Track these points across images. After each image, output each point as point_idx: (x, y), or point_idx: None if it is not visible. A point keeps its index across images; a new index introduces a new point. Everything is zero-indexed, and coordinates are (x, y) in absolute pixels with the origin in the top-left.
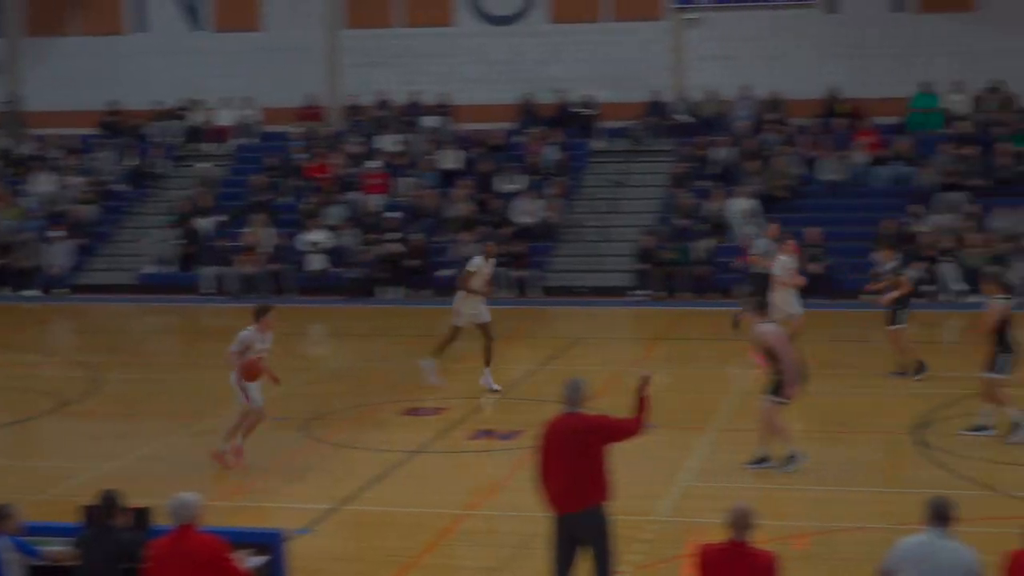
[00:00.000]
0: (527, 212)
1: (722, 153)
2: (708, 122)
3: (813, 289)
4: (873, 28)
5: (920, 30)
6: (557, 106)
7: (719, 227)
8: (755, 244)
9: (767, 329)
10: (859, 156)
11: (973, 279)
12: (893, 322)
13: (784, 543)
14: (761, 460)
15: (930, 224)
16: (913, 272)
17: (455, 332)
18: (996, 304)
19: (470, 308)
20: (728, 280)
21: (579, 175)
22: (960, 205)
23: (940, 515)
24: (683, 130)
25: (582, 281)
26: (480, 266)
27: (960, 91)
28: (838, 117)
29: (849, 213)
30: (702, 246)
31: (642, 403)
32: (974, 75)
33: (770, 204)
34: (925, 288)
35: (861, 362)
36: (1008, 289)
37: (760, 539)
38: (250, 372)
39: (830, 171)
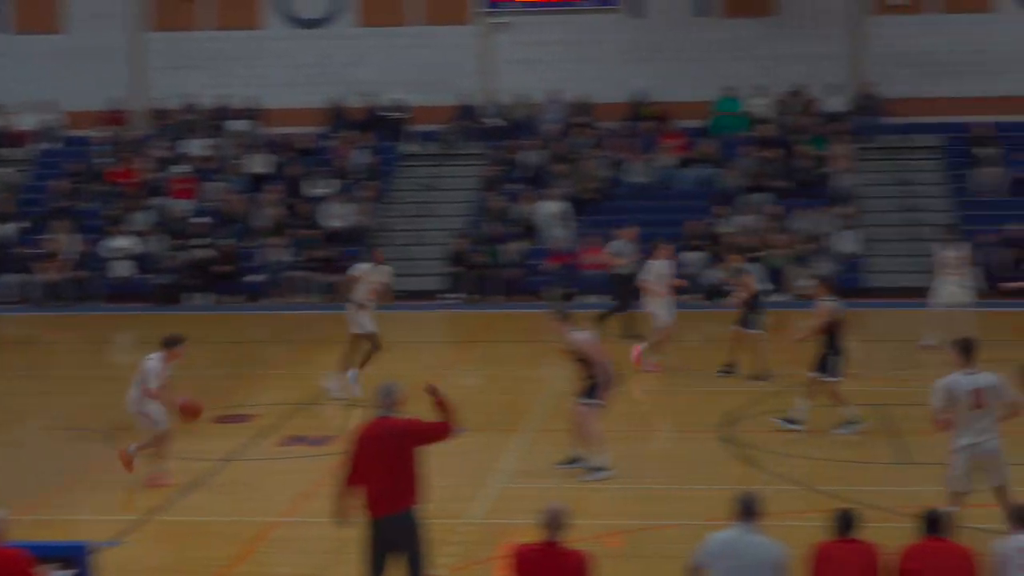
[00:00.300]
0: (337, 216)
1: (531, 156)
2: (517, 125)
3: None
4: (678, 32)
5: (723, 34)
6: (366, 110)
7: (529, 230)
8: (609, 245)
9: (579, 336)
10: (665, 158)
11: (776, 279)
12: (745, 325)
13: (597, 542)
14: (573, 461)
15: (734, 225)
16: (756, 272)
17: (362, 341)
18: (826, 306)
19: (357, 316)
20: (539, 282)
21: (389, 179)
22: (763, 206)
23: (747, 510)
24: (493, 133)
25: (394, 285)
26: (365, 272)
27: (762, 95)
28: (645, 120)
29: (656, 215)
30: (513, 249)
31: (443, 408)
32: (776, 79)
33: (579, 206)
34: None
35: (672, 361)
36: (837, 291)
37: (574, 538)
38: (191, 412)
39: (637, 173)
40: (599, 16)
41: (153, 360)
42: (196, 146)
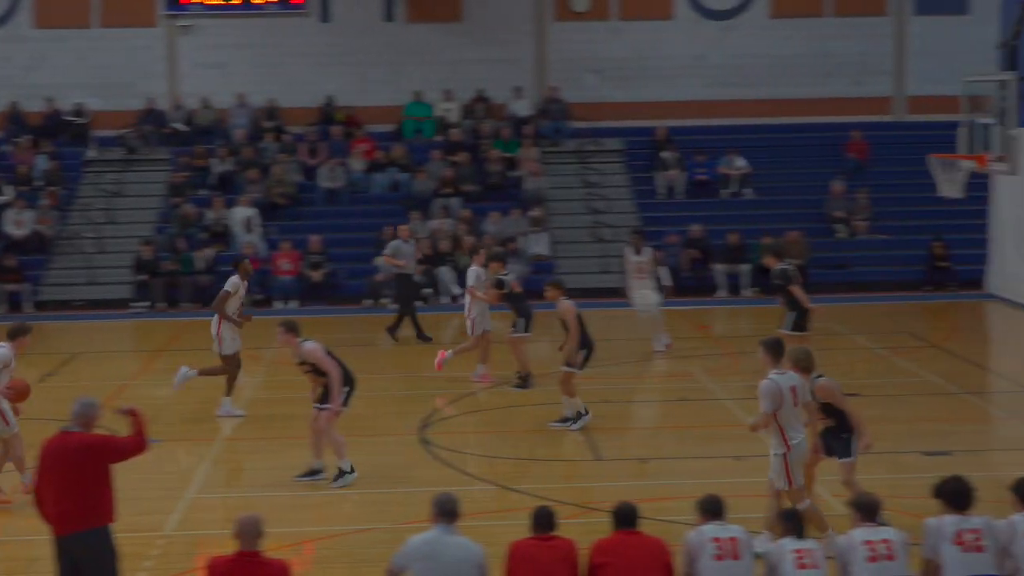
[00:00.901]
0: (17, 224)
1: (221, 162)
2: (206, 130)
3: (316, 295)
4: (366, 37)
5: (411, 40)
6: (46, 114)
7: (220, 236)
8: (388, 245)
9: (307, 345)
10: (357, 163)
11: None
12: (514, 329)
13: (296, 549)
14: (313, 472)
15: (427, 229)
16: (511, 278)
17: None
18: (566, 304)
19: (228, 333)
20: None
21: (73, 185)
22: (455, 210)
23: (446, 512)
24: (180, 139)
25: (78, 294)
26: (237, 287)
27: (450, 99)
28: (335, 125)
29: (349, 219)
30: (202, 256)
31: (134, 421)
32: (463, 84)
33: (270, 212)
34: (426, 291)
35: (368, 366)
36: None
37: (272, 547)
38: (21, 393)
39: (329, 178)
40: (287, 20)
41: (4, 349)
42: None
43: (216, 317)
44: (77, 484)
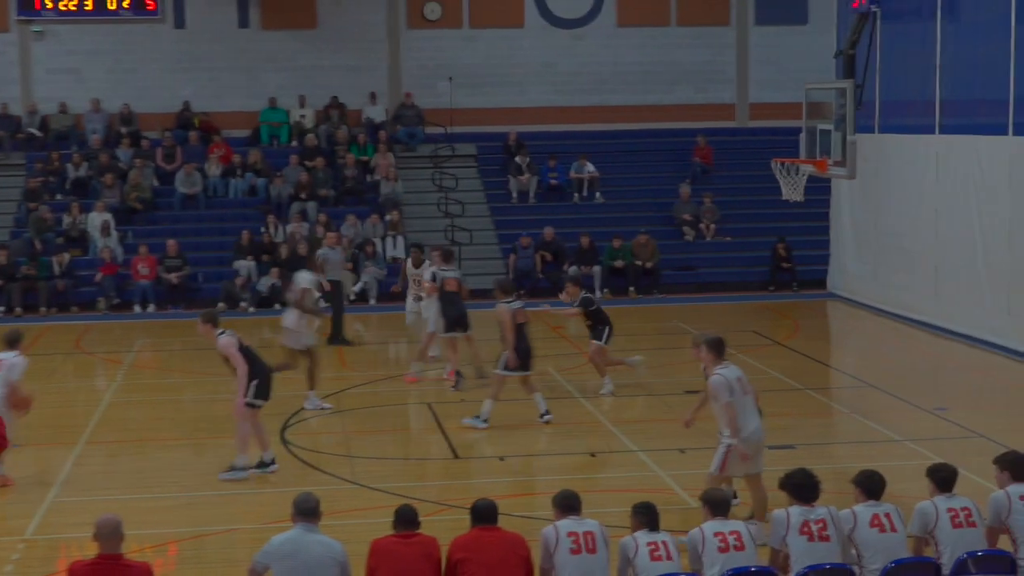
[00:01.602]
0: None
1: (76, 167)
2: (61, 136)
3: (174, 299)
4: (221, 44)
5: (265, 46)
6: None
7: (76, 240)
8: (317, 254)
9: (224, 340)
10: (213, 168)
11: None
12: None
13: (160, 551)
14: (262, 464)
15: (285, 233)
16: (450, 273)
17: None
18: (504, 307)
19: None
20: (87, 293)
21: None
22: (312, 214)
23: (306, 511)
24: (35, 144)
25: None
26: (312, 281)
27: (305, 105)
28: (192, 130)
29: (206, 224)
30: (60, 260)
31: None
32: (318, 90)
33: (128, 217)
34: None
35: (224, 368)
36: (511, 293)
37: (135, 549)
38: (25, 404)
39: (185, 184)
40: (141, 27)
41: (20, 357)
42: None
43: (293, 312)
44: None
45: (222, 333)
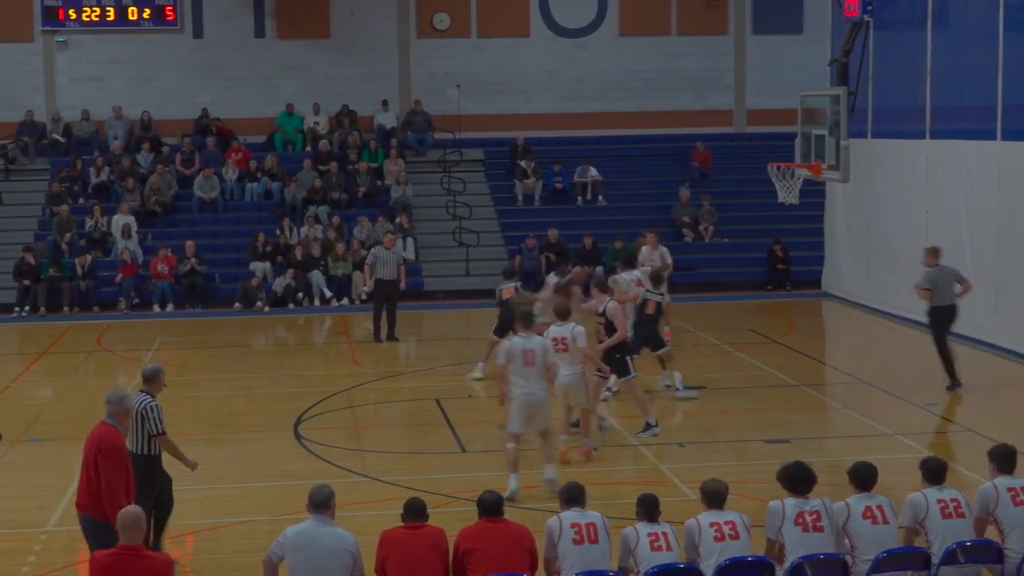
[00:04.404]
0: None
1: (98, 172)
2: (84, 142)
3: (192, 299)
4: (238, 53)
5: (281, 55)
6: None
7: (98, 243)
8: (369, 254)
9: (612, 306)
10: (230, 173)
11: (339, 287)
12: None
13: (177, 542)
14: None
15: (299, 236)
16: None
17: None
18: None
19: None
20: (111, 294)
21: None
22: (325, 217)
23: (320, 503)
24: (59, 149)
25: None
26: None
27: (319, 113)
28: (209, 136)
29: (224, 226)
30: (83, 261)
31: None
32: (331, 97)
33: (148, 220)
34: (300, 296)
35: (242, 366)
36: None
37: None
38: None
39: (203, 188)
40: (161, 36)
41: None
42: None
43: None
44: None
45: (610, 301)
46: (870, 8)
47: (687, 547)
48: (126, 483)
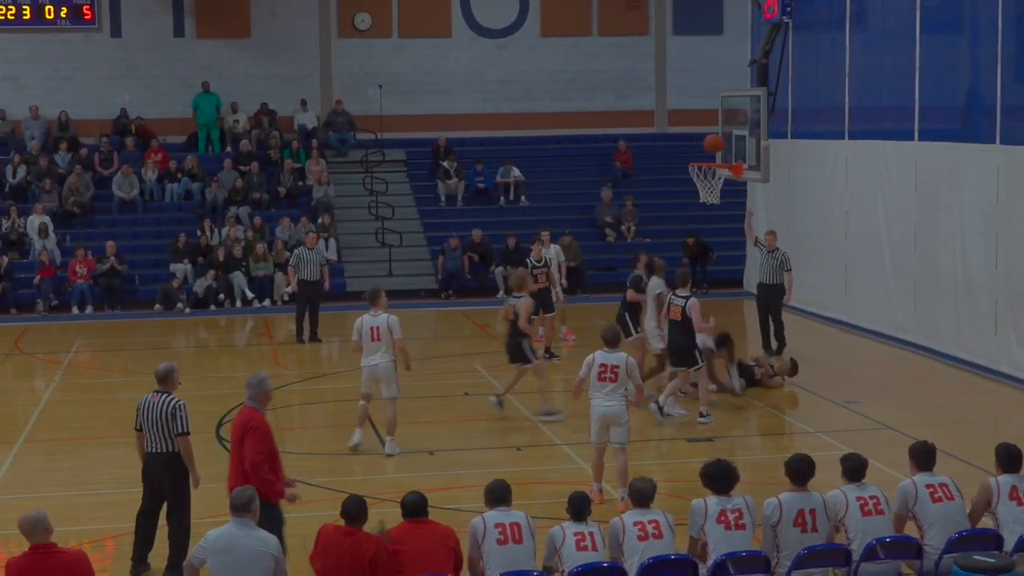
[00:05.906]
0: None
1: (15, 172)
2: (0, 141)
3: (110, 301)
4: (157, 52)
5: (201, 55)
6: None
7: (16, 244)
8: (292, 254)
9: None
10: (150, 173)
11: (261, 288)
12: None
13: (97, 545)
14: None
15: (221, 237)
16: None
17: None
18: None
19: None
20: (29, 296)
21: None
22: (246, 218)
23: (241, 506)
24: None
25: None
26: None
27: (237, 111)
28: (128, 136)
29: (144, 227)
30: (1, 263)
31: None
32: (251, 97)
33: (66, 220)
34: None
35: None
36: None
37: (73, 544)
38: None
39: (123, 188)
40: (78, 35)
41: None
42: None
43: (654, 315)
44: None
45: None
46: (789, 9)
47: (611, 546)
48: (270, 459)
